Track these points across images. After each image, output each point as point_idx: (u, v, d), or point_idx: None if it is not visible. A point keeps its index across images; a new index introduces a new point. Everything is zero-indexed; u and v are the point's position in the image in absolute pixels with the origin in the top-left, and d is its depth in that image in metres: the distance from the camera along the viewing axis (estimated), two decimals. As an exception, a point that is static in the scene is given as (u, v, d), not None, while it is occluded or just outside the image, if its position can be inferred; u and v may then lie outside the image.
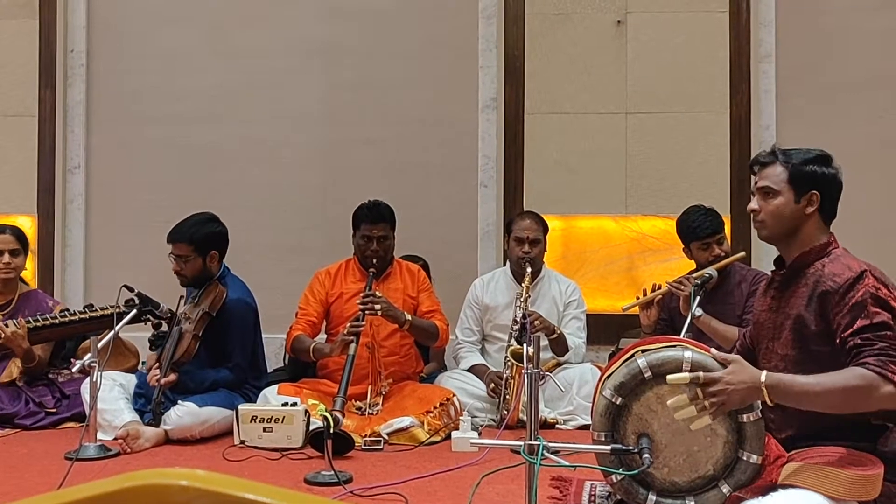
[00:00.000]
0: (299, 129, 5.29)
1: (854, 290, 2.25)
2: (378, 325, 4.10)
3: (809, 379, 2.20)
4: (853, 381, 2.16)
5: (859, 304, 2.23)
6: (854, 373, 2.17)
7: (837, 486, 2.11)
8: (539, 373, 2.50)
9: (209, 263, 4.03)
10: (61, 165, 5.37)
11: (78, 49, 5.37)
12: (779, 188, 2.42)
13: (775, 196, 2.43)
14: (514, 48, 5.26)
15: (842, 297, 2.26)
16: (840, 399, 2.17)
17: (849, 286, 2.26)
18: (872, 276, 2.28)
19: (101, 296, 4.62)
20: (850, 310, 2.24)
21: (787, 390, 2.21)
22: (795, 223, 2.42)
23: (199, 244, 4.00)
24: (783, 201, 2.42)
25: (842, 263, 2.34)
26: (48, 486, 2.95)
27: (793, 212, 2.41)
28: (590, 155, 5.21)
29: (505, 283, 4.44)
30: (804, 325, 2.34)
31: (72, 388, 4.14)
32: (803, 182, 2.41)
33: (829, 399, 2.18)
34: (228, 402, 3.82)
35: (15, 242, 4.29)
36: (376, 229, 4.19)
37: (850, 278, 2.27)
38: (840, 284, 2.28)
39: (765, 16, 5.06)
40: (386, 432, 3.71)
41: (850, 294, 2.25)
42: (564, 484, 3.02)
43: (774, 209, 2.43)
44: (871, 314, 2.21)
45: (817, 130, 4.98)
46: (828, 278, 2.31)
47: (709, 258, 3.90)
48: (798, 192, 2.41)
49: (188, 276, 4.02)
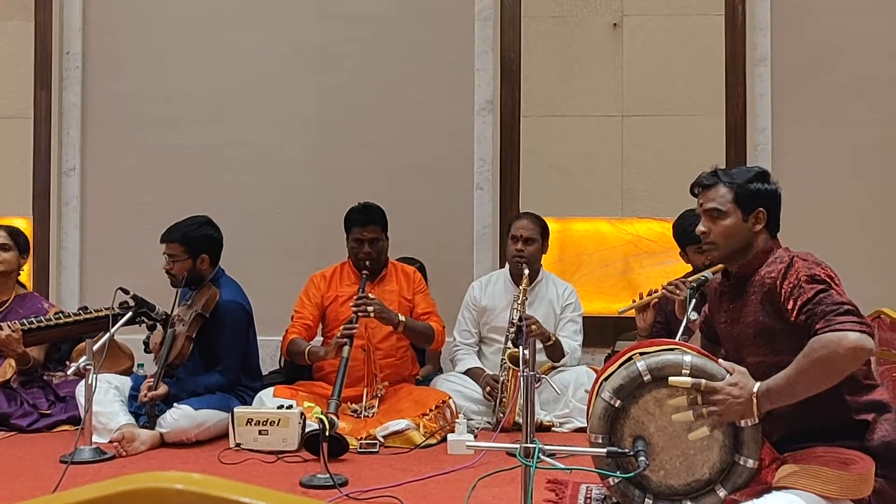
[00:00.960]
0: (295, 132, 5.29)
1: (787, 277, 2.35)
2: (373, 327, 4.09)
3: (787, 372, 2.26)
4: (818, 352, 2.21)
5: (795, 286, 2.32)
6: (814, 345, 2.22)
7: (830, 486, 2.14)
8: (535, 375, 2.51)
9: (199, 266, 4.03)
10: (56, 168, 5.36)
11: (73, 51, 5.36)
12: (725, 209, 2.51)
13: (724, 217, 2.52)
14: (511, 51, 5.27)
15: (780, 286, 2.35)
16: (819, 372, 2.22)
17: (783, 276, 2.36)
18: (800, 259, 2.38)
19: (97, 298, 4.62)
20: (789, 294, 2.33)
21: (776, 391, 2.26)
22: (745, 240, 2.51)
23: (190, 246, 4.00)
24: (732, 221, 2.51)
25: (774, 261, 2.44)
26: (43, 489, 2.93)
27: (742, 230, 2.50)
28: (586, 157, 5.22)
29: (503, 284, 4.44)
30: (766, 328, 2.41)
31: (66, 390, 4.13)
32: (749, 201, 2.49)
33: (810, 378, 2.22)
34: (224, 405, 3.82)
35: (6, 238, 4.30)
36: (367, 231, 4.19)
37: (782, 269, 2.38)
38: (776, 277, 2.38)
39: (760, 19, 5.07)
40: (382, 435, 3.71)
41: (786, 281, 2.35)
42: (560, 487, 3.02)
43: (724, 230, 2.51)
44: (806, 290, 2.30)
45: (812, 133, 5.00)
46: (767, 277, 2.41)
47: (705, 261, 3.90)
48: (745, 211, 2.50)
49: (177, 276, 4.02)
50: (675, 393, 2.38)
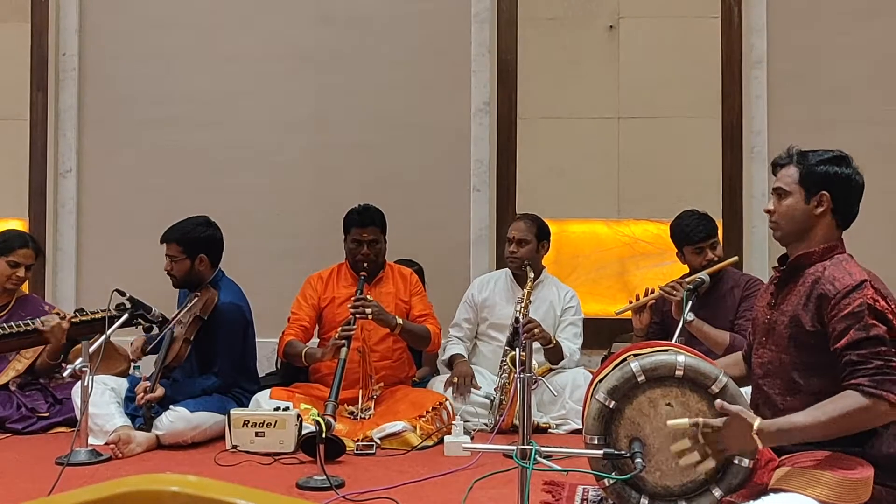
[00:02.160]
0: (291, 134, 5.29)
1: (851, 297, 2.26)
2: (370, 329, 4.09)
3: (806, 417, 2.20)
4: (851, 406, 2.17)
5: (855, 314, 2.23)
6: (850, 399, 2.18)
7: (827, 490, 2.12)
8: (531, 377, 2.51)
9: (198, 266, 4.03)
10: (53, 169, 5.35)
11: (70, 53, 5.36)
12: (790, 189, 2.45)
13: (786, 196, 2.46)
14: (507, 53, 5.27)
15: (838, 302, 2.27)
16: (843, 426, 2.19)
17: (846, 293, 2.26)
18: (872, 286, 2.28)
19: (93, 300, 4.61)
20: (845, 317, 2.24)
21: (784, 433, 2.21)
22: (806, 224, 2.44)
23: (187, 246, 4.00)
24: (793, 202, 2.44)
25: (843, 269, 2.34)
26: (39, 491, 2.93)
27: (803, 212, 2.43)
28: (582, 159, 5.23)
29: (505, 284, 4.45)
30: (800, 325, 2.35)
31: (64, 392, 4.12)
32: (813, 183, 2.42)
33: (832, 428, 2.19)
34: (220, 407, 3.81)
35: (33, 257, 4.32)
36: (366, 233, 4.19)
37: (849, 285, 2.27)
38: (838, 290, 2.28)
39: (756, 21, 5.08)
40: (378, 437, 3.71)
41: (847, 301, 2.26)
42: (557, 488, 3.03)
43: (785, 210, 2.46)
44: (867, 326, 2.21)
45: (809, 136, 4.97)
46: (826, 281, 2.32)
47: (702, 262, 3.92)
48: (808, 193, 2.43)
49: (177, 276, 4.03)
50: (668, 393, 2.39)
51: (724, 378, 2.36)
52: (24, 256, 4.27)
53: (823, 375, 2.31)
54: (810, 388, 2.33)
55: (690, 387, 2.39)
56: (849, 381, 2.21)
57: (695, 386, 2.38)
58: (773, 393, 2.42)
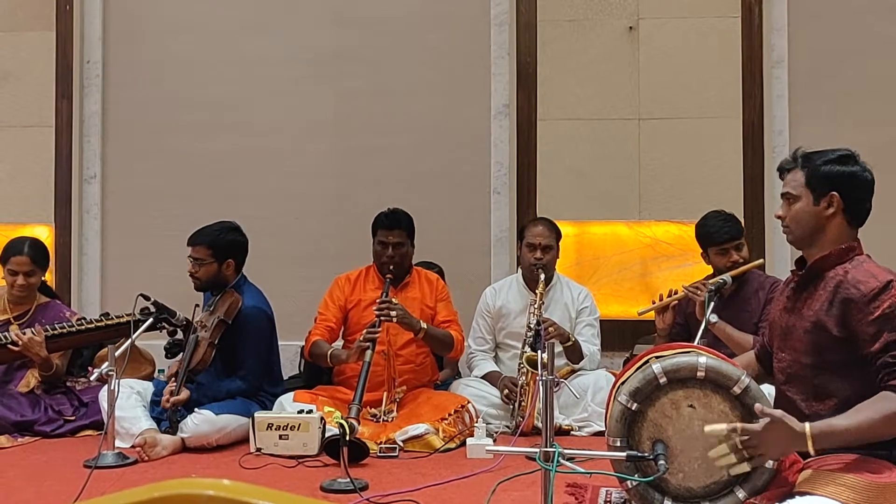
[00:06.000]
0: (313, 138, 5.32)
1: (879, 300, 2.23)
2: (394, 333, 4.11)
3: (849, 421, 2.17)
4: (890, 409, 2.15)
5: (886, 317, 2.21)
6: (889, 402, 2.16)
7: (854, 494, 2.10)
8: (554, 379, 2.51)
9: (224, 271, 4.07)
10: (77, 175, 5.42)
11: (94, 60, 5.42)
12: (798, 192, 2.43)
13: (795, 201, 2.43)
14: (527, 55, 5.28)
15: (866, 305, 2.24)
16: (883, 429, 2.16)
17: (874, 295, 2.24)
18: None
19: (118, 304, 4.66)
20: (874, 321, 2.22)
21: (829, 437, 2.18)
22: (818, 226, 2.41)
23: (217, 250, 4.04)
24: (802, 205, 2.42)
25: (865, 270, 2.32)
26: (68, 493, 2.97)
27: (813, 215, 2.41)
28: (602, 161, 5.22)
29: (517, 290, 4.45)
30: (823, 331, 2.32)
31: (89, 395, 4.17)
32: (820, 184, 2.39)
33: (874, 432, 2.17)
34: (245, 410, 3.84)
35: (30, 264, 4.26)
36: (392, 235, 4.21)
37: (875, 287, 2.25)
38: (864, 293, 2.26)
39: (777, 21, 5.06)
40: (401, 439, 3.72)
41: (875, 304, 2.23)
42: (580, 490, 3.03)
43: (795, 214, 2.43)
44: None
45: (830, 135, 4.94)
46: (851, 284, 2.29)
47: (727, 264, 3.90)
48: (816, 195, 2.40)
49: (202, 279, 4.06)
50: (690, 395, 2.38)
51: (747, 379, 2.35)
52: (17, 264, 4.24)
53: (850, 379, 2.29)
54: (836, 392, 2.31)
55: (712, 388, 2.38)
56: (886, 382, 2.19)
57: (717, 387, 2.37)
58: (797, 399, 2.40)
